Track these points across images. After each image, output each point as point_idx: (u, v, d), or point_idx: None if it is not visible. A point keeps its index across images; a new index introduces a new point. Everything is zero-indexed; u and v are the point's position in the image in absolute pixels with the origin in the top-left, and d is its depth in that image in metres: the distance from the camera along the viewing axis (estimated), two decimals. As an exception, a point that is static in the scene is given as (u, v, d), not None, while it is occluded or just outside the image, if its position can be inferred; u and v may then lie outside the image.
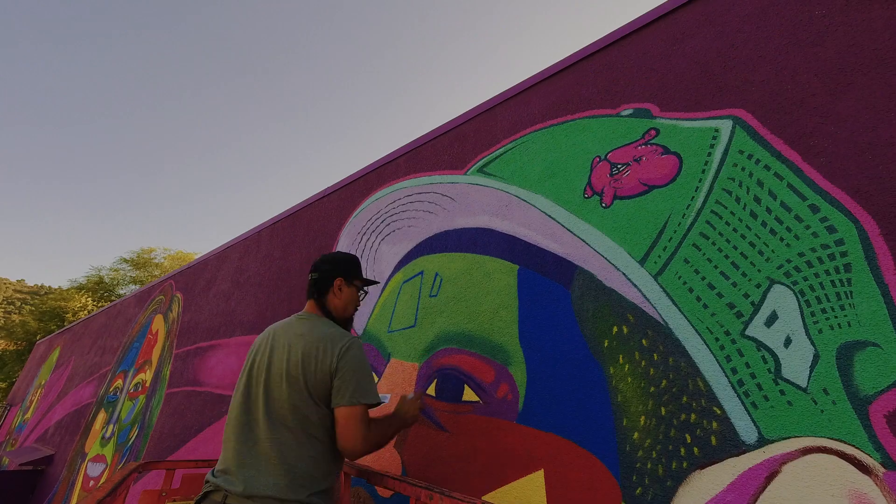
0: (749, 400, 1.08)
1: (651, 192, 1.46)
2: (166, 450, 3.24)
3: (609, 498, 1.21)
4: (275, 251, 3.37)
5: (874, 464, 0.90)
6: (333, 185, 3.08)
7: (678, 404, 1.18)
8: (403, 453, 1.74)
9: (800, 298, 1.09)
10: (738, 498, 1.02)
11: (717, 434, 1.10)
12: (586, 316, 1.45)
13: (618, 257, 1.45)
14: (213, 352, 3.42)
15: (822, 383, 1.00)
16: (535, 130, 1.95)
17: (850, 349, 0.99)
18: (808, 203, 1.15)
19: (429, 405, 1.74)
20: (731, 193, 1.29)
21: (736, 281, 1.20)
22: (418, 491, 1.23)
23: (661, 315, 1.29)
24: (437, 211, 2.16)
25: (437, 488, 1.20)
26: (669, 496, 1.11)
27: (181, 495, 1.84)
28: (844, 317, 1.02)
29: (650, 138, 1.54)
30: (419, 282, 2.07)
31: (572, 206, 1.65)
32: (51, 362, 7.71)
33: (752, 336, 1.13)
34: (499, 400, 1.55)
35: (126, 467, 1.64)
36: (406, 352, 1.95)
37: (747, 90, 1.38)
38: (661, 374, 1.23)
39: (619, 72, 1.74)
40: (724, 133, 1.37)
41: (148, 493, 1.79)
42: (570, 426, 1.35)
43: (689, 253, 1.31)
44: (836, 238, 1.08)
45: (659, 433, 1.18)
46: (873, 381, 0.95)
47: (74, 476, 4.35)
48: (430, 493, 1.19)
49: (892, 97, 1.11)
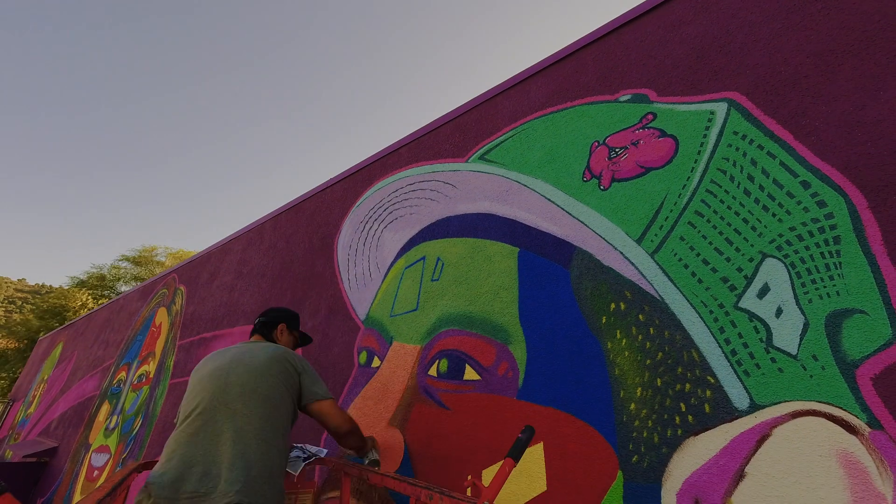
0: (741, 368, 1.12)
1: (648, 174, 1.50)
2: (170, 438, 3.27)
3: (606, 467, 1.24)
4: (278, 242, 3.41)
5: (860, 424, 0.94)
6: (336, 175, 3.12)
7: (673, 375, 1.21)
8: (406, 432, 1.78)
9: (791, 270, 1.12)
10: (730, 461, 1.06)
11: (711, 402, 1.13)
12: (585, 294, 1.49)
13: (615, 237, 1.49)
14: (216, 342, 3.46)
15: (812, 350, 1.04)
16: (535, 118, 1.98)
17: (838, 317, 1.03)
18: (800, 179, 1.19)
19: (431, 385, 1.77)
20: (725, 173, 1.33)
21: (730, 256, 1.24)
22: (418, 491, 1.23)
23: (658, 291, 1.33)
24: (439, 198, 2.20)
25: (436, 488, 1.20)
26: (665, 462, 1.15)
27: None
28: (833, 286, 1.06)
29: (647, 122, 1.57)
30: (421, 267, 2.10)
31: (571, 190, 1.69)
32: (53, 357, 7.76)
33: (744, 308, 1.16)
34: (499, 378, 1.59)
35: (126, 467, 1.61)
36: (408, 335, 1.99)
37: (742, 73, 1.41)
38: (656, 347, 1.27)
39: (617, 59, 1.78)
40: (719, 115, 1.41)
41: None
42: (568, 400, 1.39)
43: (685, 231, 1.34)
44: (826, 212, 1.12)
45: (655, 403, 1.22)
46: (860, 346, 0.99)
47: (78, 467, 4.39)
48: (430, 492, 1.18)
49: (881, 76, 1.15)
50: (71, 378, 6.22)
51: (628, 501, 1.17)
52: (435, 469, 1.62)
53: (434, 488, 1.20)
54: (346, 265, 2.58)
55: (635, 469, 1.19)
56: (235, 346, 1.52)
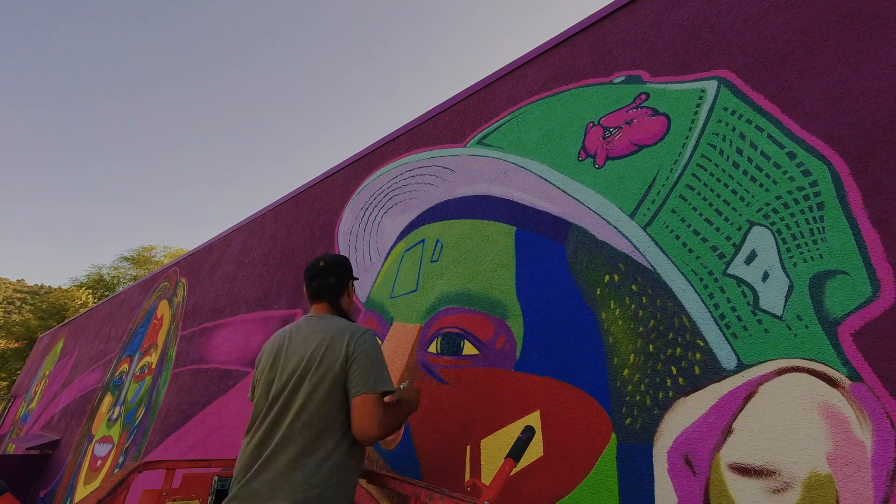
0: (730, 331, 1.16)
1: (641, 151, 1.54)
2: (173, 425, 3.31)
3: (601, 430, 1.29)
4: (279, 231, 3.45)
5: (841, 377, 0.98)
6: (337, 164, 3.16)
7: (665, 341, 1.26)
8: (406, 407, 1.82)
9: (777, 237, 1.17)
10: (718, 419, 1.10)
11: (700, 364, 1.17)
12: (580, 268, 1.53)
13: (609, 213, 1.53)
14: (218, 330, 3.50)
15: (796, 311, 1.08)
16: (532, 102, 2.03)
17: (821, 278, 1.07)
18: (786, 151, 1.23)
19: (430, 362, 1.81)
20: (715, 147, 1.37)
21: (719, 226, 1.28)
22: (418, 491, 1.23)
23: (650, 262, 1.37)
24: (438, 182, 2.24)
25: (436, 488, 1.21)
26: (656, 423, 1.19)
27: (181, 495, 1.80)
28: (817, 250, 1.10)
29: (641, 102, 1.62)
30: (420, 249, 2.15)
31: (567, 170, 1.73)
32: (55, 353, 7.79)
33: (733, 274, 1.21)
34: (497, 351, 1.63)
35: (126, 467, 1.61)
36: (408, 315, 2.03)
37: (732, 52, 1.45)
38: (649, 314, 1.31)
39: (611, 42, 1.82)
40: (709, 93, 1.45)
41: (148, 493, 1.75)
42: (564, 369, 1.43)
43: (677, 204, 1.39)
44: (811, 180, 1.16)
45: (647, 368, 1.26)
46: (842, 304, 1.03)
47: (81, 458, 4.43)
48: (430, 492, 1.18)
49: (863, 50, 1.19)
50: (73, 372, 6.25)
51: (622, 461, 1.22)
52: (434, 441, 1.66)
53: (434, 488, 1.21)
54: (347, 251, 2.62)
55: (628, 431, 1.23)
56: (296, 330, 1.37)
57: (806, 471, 0.96)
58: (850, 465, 0.93)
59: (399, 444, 1.78)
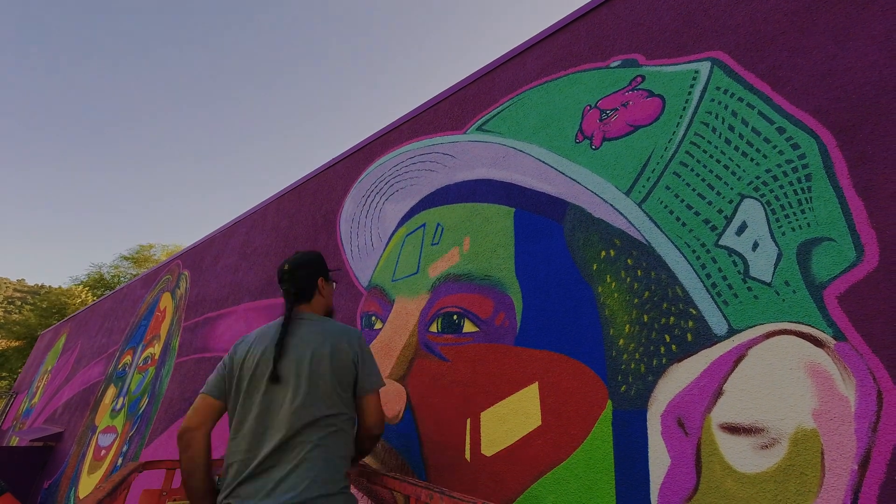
0: (721, 299, 1.20)
1: (637, 132, 1.58)
2: (177, 413, 3.35)
3: (597, 398, 1.33)
4: (281, 222, 3.49)
5: (827, 338, 1.02)
6: (338, 155, 3.20)
7: (659, 310, 1.30)
8: (408, 385, 1.86)
9: (766, 208, 1.21)
10: (710, 382, 1.14)
11: (693, 331, 1.22)
12: (577, 245, 1.57)
13: (606, 191, 1.57)
14: (220, 320, 3.54)
15: (784, 277, 1.12)
16: (530, 88, 2.07)
17: (808, 245, 1.11)
18: (776, 126, 1.27)
19: (431, 341, 1.86)
20: (708, 125, 1.41)
21: (711, 200, 1.32)
22: (418, 490, 1.23)
23: (645, 237, 1.41)
24: (438, 168, 2.28)
25: (436, 488, 1.22)
26: (650, 389, 1.23)
27: (181, 495, 1.78)
28: (805, 219, 1.14)
29: (636, 84, 1.66)
30: (421, 233, 2.19)
31: (564, 152, 1.77)
32: (57, 348, 7.83)
33: (724, 245, 1.25)
34: (497, 328, 1.67)
35: (126, 467, 1.61)
36: (409, 297, 2.07)
37: (725, 34, 1.49)
38: (643, 286, 1.35)
39: (608, 28, 1.86)
40: (703, 73, 1.49)
41: (148, 493, 1.73)
42: (562, 342, 1.47)
43: (671, 180, 1.43)
44: (800, 153, 1.20)
45: (642, 337, 1.30)
46: (828, 269, 1.07)
47: (85, 448, 4.47)
48: (430, 492, 1.19)
49: (850, 28, 1.23)
50: (76, 366, 6.30)
51: (617, 426, 1.26)
52: (435, 415, 1.71)
53: (434, 488, 1.22)
54: (349, 237, 2.66)
55: (623, 397, 1.28)
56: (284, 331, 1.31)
57: (792, 426, 1.01)
58: (835, 420, 0.97)
59: (401, 419, 1.82)
